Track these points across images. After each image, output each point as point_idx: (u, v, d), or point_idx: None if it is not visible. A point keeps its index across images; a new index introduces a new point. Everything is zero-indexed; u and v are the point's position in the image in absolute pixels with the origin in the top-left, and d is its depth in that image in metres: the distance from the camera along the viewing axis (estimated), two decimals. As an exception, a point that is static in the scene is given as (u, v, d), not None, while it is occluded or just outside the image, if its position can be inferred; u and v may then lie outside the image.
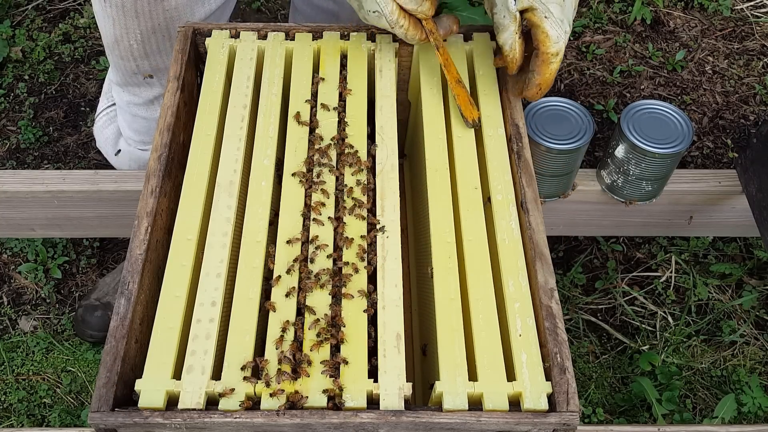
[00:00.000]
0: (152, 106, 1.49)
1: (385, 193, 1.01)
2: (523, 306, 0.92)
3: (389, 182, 1.02)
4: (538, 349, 0.89)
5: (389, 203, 1.00)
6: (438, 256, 0.96)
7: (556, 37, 1.00)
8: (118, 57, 1.37)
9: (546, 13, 0.99)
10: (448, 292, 0.93)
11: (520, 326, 0.90)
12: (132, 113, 1.51)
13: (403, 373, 0.86)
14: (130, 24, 1.30)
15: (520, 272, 0.95)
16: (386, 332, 0.89)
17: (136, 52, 1.35)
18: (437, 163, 1.05)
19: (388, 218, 0.99)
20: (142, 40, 1.33)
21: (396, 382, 0.85)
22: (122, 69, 1.41)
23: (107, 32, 1.34)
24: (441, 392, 0.85)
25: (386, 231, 0.97)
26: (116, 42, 1.34)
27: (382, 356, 0.87)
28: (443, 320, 0.91)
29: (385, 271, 0.94)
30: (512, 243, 0.98)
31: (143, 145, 1.58)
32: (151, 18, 1.29)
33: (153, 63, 1.38)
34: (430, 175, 1.04)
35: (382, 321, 0.90)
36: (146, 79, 1.42)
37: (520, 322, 0.91)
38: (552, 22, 0.99)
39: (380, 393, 0.84)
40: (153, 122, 1.51)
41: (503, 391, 0.85)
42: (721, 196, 1.53)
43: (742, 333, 1.71)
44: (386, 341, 0.88)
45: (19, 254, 1.81)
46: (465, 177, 1.04)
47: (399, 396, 0.84)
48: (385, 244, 0.96)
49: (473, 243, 0.98)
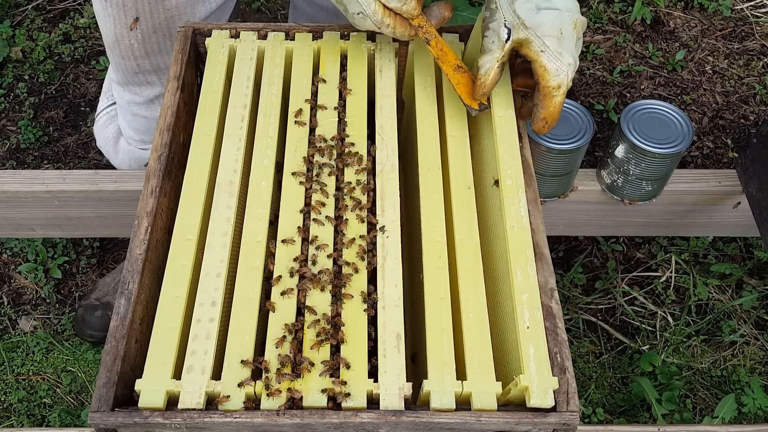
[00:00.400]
0: (153, 105, 1.49)
1: (385, 193, 1.01)
2: (531, 297, 0.91)
3: (389, 182, 1.02)
4: (545, 343, 0.88)
5: (389, 203, 1.00)
6: (428, 256, 0.96)
7: (556, 70, 0.99)
8: (119, 56, 1.38)
9: (542, 47, 0.98)
10: (438, 292, 0.93)
11: (528, 318, 0.90)
12: (133, 112, 1.51)
13: (404, 372, 0.86)
14: (131, 23, 1.30)
15: (528, 262, 0.94)
16: (386, 332, 0.89)
17: (137, 51, 1.35)
18: (430, 162, 1.05)
19: (388, 218, 0.99)
20: (143, 39, 1.33)
21: (396, 382, 0.85)
22: (123, 68, 1.41)
23: (108, 31, 1.34)
24: (428, 391, 0.85)
25: (386, 231, 0.97)
26: (117, 41, 1.34)
27: (382, 356, 0.87)
28: (432, 319, 0.91)
29: (385, 271, 0.94)
30: (521, 231, 0.97)
31: (143, 145, 1.58)
32: (152, 17, 1.29)
33: (154, 62, 1.38)
34: (423, 174, 1.04)
35: (382, 321, 0.90)
36: (147, 78, 1.42)
37: (528, 314, 0.90)
38: (549, 55, 0.98)
39: (380, 393, 0.84)
40: (153, 121, 1.51)
41: (492, 390, 0.85)
42: (721, 196, 1.53)
43: (742, 333, 1.71)
44: (386, 341, 0.88)
45: (19, 254, 1.81)
46: (458, 176, 1.04)
47: (399, 396, 0.84)
48: (385, 244, 0.96)
49: (465, 242, 0.98)
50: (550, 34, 0.99)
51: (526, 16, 0.99)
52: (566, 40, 1.00)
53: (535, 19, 0.99)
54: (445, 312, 0.91)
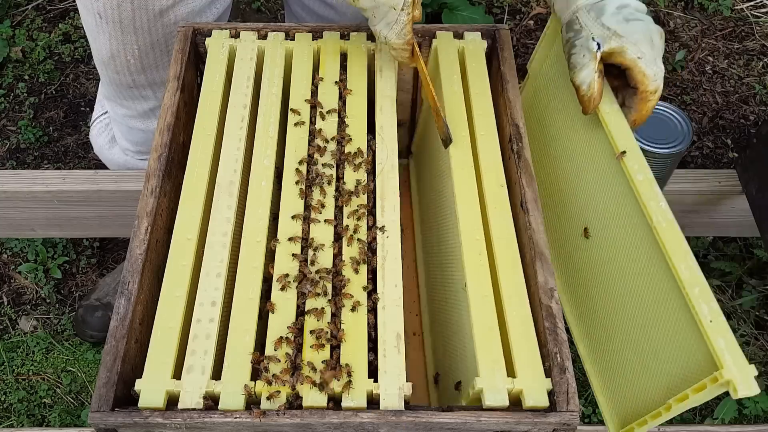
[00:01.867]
0: (149, 119, 1.46)
1: (385, 193, 1.01)
2: None
3: (389, 182, 1.02)
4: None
5: (389, 203, 1.00)
6: (469, 254, 0.96)
7: (654, 75, 1.00)
8: (114, 71, 1.35)
9: (639, 53, 1.00)
10: (481, 290, 0.93)
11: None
12: (129, 125, 1.48)
13: (404, 372, 0.86)
14: (128, 39, 1.28)
15: (687, 255, 0.91)
16: (386, 332, 0.89)
17: (133, 67, 1.33)
18: (462, 161, 1.05)
19: (388, 218, 0.99)
20: (140, 55, 1.31)
21: (396, 382, 0.85)
22: (117, 83, 1.38)
23: (102, 48, 1.32)
24: (481, 389, 0.84)
25: (386, 231, 0.97)
26: (112, 57, 1.32)
27: (382, 356, 0.87)
28: (478, 318, 0.90)
29: (385, 271, 0.94)
30: (669, 225, 0.93)
31: (141, 156, 1.56)
32: (150, 33, 1.28)
33: (150, 77, 1.36)
34: (456, 173, 1.03)
35: (382, 321, 0.90)
36: (141, 92, 1.40)
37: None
38: (646, 61, 1.00)
39: (380, 393, 0.84)
40: (151, 134, 1.47)
41: (543, 387, 0.85)
42: (721, 196, 1.53)
43: (742, 333, 1.71)
44: (386, 341, 0.88)
45: (19, 254, 1.81)
46: (490, 175, 1.03)
47: (399, 396, 0.84)
48: (385, 244, 0.96)
49: (502, 240, 0.97)
50: (643, 41, 1.00)
51: (617, 26, 1.01)
52: (656, 47, 1.01)
53: (627, 29, 1.01)
54: (489, 310, 0.91)
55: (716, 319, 0.83)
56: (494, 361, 0.87)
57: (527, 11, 2.21)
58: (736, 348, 0.80)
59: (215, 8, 1.32)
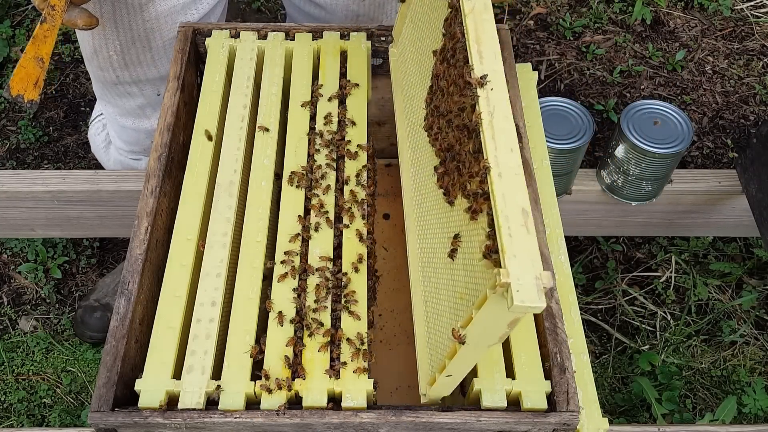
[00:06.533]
0: (139, 118, 1.46)
1: (480, 37, 0.83)
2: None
3: (483, 24, 0.84)
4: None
5: (488, 49, 0.82)
6: None
7: None
8: (98, 68, 1.36)
9: None
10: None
11: None
12: (120, 124, 1.49)
13: (538, 257, 0.70)
14: (109, 35, 1.28)
15: (572, 306, 0.97)
16: (507, 207, 0.75)
17: (116, 63, 1.34)
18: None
19: (488, 66, 0.81)
20: (122, 51, 1.31)
21: (531, 270, 0.69)
22: (102, 80, 1.39)
23: (86, 43, 1.33)
24: (479, 389, 0.85)
25: (489, 81, 0.79)
26: (95, 53, 1.33)
27: (507, 236, 0.71)
28: None
29: (495, 131, 0.78)
30: (562, 277, 0.99)
31: (134, 155, 1.56)
32: (131, 28, 1.28)
33: (134, 74, 1.36)
34: None
35: (500, 192, 0.76)
36: (127, 89, 1.40)
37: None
38: None
39: (511, 283, 0.67)
40: (142, 133, 1.48)
41: (542, 389, 0.85)
42: (721, 196, 1.53)
43: (742, 333, 1.71)
44: (509, 218, 0.73)
45: (19, 254, 1.81)
46: None
47: (538, 288, 0.67)
48: (489, 98, 0.81)
49: None
50: None
51: None
52: None
53: None
54: None
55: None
56: (493, 362, 0.87)
57: (527, 11, 2.21)
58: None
59: (201, 6, 1.32)
